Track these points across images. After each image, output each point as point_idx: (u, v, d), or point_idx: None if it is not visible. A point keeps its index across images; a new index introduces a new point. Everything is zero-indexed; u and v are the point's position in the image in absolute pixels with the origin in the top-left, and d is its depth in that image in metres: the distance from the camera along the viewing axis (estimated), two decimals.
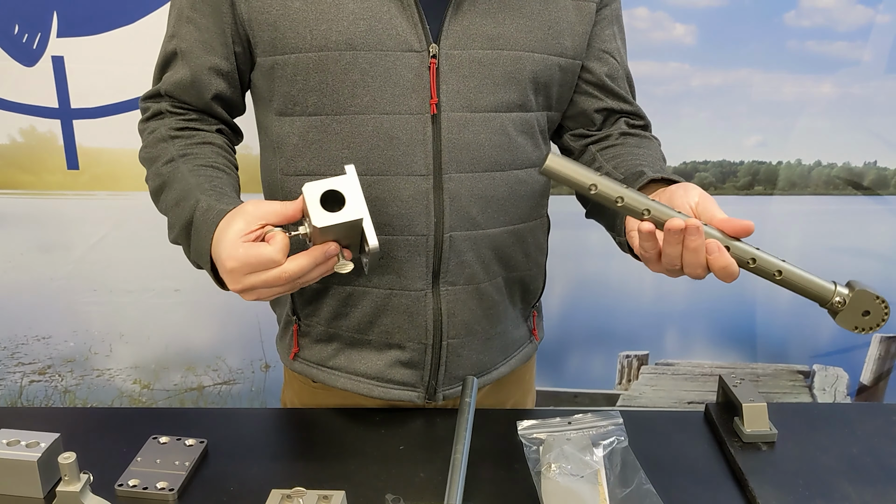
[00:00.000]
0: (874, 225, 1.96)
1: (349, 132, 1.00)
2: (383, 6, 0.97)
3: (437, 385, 1.12)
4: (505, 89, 1.02)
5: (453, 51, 0.99)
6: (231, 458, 0.99)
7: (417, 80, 0.99)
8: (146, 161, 1.05)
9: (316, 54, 0.97)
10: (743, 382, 1.07)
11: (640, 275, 1.97)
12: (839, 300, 0.84)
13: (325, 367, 1.13)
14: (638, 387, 2.07)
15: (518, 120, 1.05)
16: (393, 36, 0.97)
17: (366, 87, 0.98)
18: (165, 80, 1.05)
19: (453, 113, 1.00)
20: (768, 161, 1.89)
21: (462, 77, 1.00)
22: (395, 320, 1.08)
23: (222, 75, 1.04)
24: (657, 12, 1.74)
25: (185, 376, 2.02)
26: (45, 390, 2.02)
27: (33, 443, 0.90)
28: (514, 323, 1.19)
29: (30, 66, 1.73)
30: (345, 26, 0.96)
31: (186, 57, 1.03)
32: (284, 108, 1.03)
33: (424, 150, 1.00)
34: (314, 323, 1.12)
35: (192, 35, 1.02)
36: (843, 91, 1.82)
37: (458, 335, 1.10)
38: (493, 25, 1.00)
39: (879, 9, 1.74)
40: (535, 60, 1.03)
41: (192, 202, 0.93)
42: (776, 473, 0.96)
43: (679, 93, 1.81)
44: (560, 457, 0.95)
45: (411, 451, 1.01)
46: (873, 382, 2.09)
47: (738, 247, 0.84)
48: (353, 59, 0.97)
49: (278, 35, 0.98)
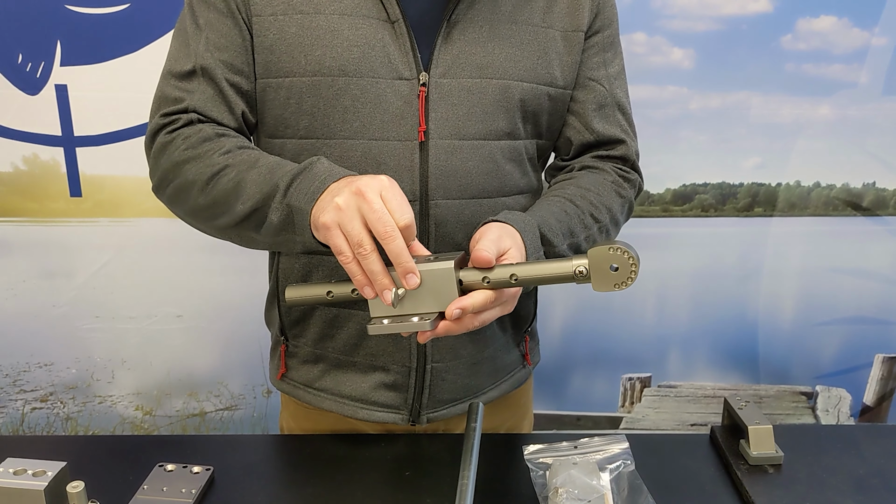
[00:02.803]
0: (874, 245, 1.97)
1: (338, 157, 1.01)
2: (377, 34, 0.98)
3: (420, 408, 1.12)
4: (494, 117, 1.03)
5: (443, 79, 1.00)
6: (237, 484, 0.98)
7: (406, 108, 1.00)
8: (185, 161, 0.98)
9: (309, 79, 0.99)
10: (748, 405, 1.07)
11: (643, 297, 1.98)
12: (580, 270, 0.82)
13: (311, 388, 1.15)
14: (641, 409, 2.07)
15: (506, 148, 1.06)
16: (385, 63, 0.99)
17: (356, 113, 1.00)
18: (191, 98, 1.01)
19: (441, 140, 1.01)
20: (768, 182, 1.90)
21: (451, 105, 1.01)
22: (379, 343, 1.09)
23: (243, 94, 1.03)
24: (655, 37, 1.75)
25: (187, 402, 2.02)
26: (46, 417, 2.01)
27: (40, 471, 0.89)
28: (505, 348, 1.19)
29: (33, 94, 1.74)
30: (339, 52, 0.98)
31: (208, 73, 1.00)
32: (275, 130, 1.04)
33: (412, 177, 1.01)
34: (301, 344, 1.14)
35: (214, 54, 1.00)
36: (840, 113, 1.83)
37: (443, 359, 1.10)
38: (482, 54, 1.01)
39: (875, 32, 1.76)
40: (523, 89, 1.04)
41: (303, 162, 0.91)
42: (783, 496, 0.96)
43: (678, 116, 1.82)
44: (567, 481, 0.95)
45: (417, 478, 1.00)
46: (876, 403, 2.09)
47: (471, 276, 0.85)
48: (346, 85, 0.99)
49: (273, 59, 1.00)
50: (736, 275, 1.97)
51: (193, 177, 0.97)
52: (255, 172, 0.93)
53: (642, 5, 1.72)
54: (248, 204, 0.92)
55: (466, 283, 0.85)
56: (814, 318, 2.01)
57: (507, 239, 0.90)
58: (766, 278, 1.97)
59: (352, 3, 0.99)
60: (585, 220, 1.04)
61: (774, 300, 1.99)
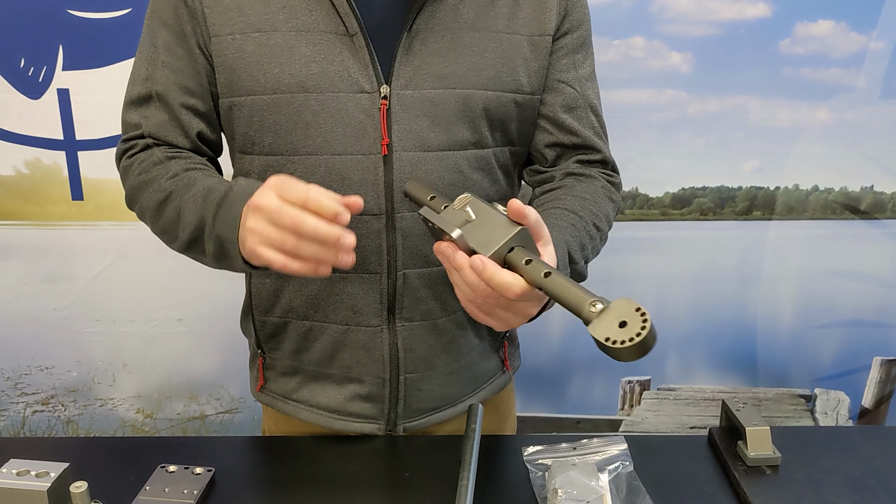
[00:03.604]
0: (872, 249, 1.98)
1: (302, 172, 1.01)
2: (335, 48, 0.98)
3: (396, 418, 1.12)
4: (458, 127, 1.02)
5: (404, 91, 1.00)
6: (239, 486, 0.99)
7: (368, 121, 0.99)
8: (140, 186, 1.03)
9: (269, 96, 0.99)
10: (746, 406, 1.07)
11: (641, 300, 1.97)
12: (594, 309, 0.75)
13: (289, 399, 1.15)
14: (640, 412, 2.07)
15: (472, 157, 1.05)
16: (344, 78, 0.98)
17: (317, 129, 1.00)
18: (147, 123, 1.05)
19: (405, 153, 1.01)
20: (766, 186, 1.91)
21: (414, 117, 1.00)
22: (353, 355, 1.09)
23: (200, 115, 1.05)
24: (653, 41, 1.76)
25: (187, 405, 2.02)
26: (48, 420, 2.02)
27: (43, 472, 0.90)
28: (483, 355, 1.19)
29: (35, 98, 1.75)
30: (297, 69, 0.98)
31: (164, 99, 1.03)
32: (244, 146, 1.05)
33: (376, 190, 1.01)
34: (278, 356, 1.14)
35: (169, 78, 1.03)
36: (838, 117, 1.84)
37: (417, 370, 1.10)
38: (443, 65, 1.00)
39: (873, 36, 1.77)
40: (487, 98, 1.03)
41: (225, 185, 0.93)
42: (780, 497, 0.96)
43: (676, 120, 1.83)
44: (566, 482, 0.96)
45: (417, 479, 1.01)
46: (874, 406, 2.09)
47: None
48: (305, 101, 0.99)
49: (234, 77, 1.00)
50: (734, 278, 1.98)
51: (146, 203, 1.02)
52: (191, 201, 0.95)
53: (641, 10, 1.73)
54: (186, 233, 0.96)
55: (515, 253, 0.81)
56: (812, 321, 2.02)
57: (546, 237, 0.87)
58: (764, 281, 1.98)
59: (309, 18, 0.98)
60: (591, 231, 1.04)
61: (773, 303, 2.00)
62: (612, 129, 1.80)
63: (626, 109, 1.80)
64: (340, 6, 0.97)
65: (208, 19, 0.99)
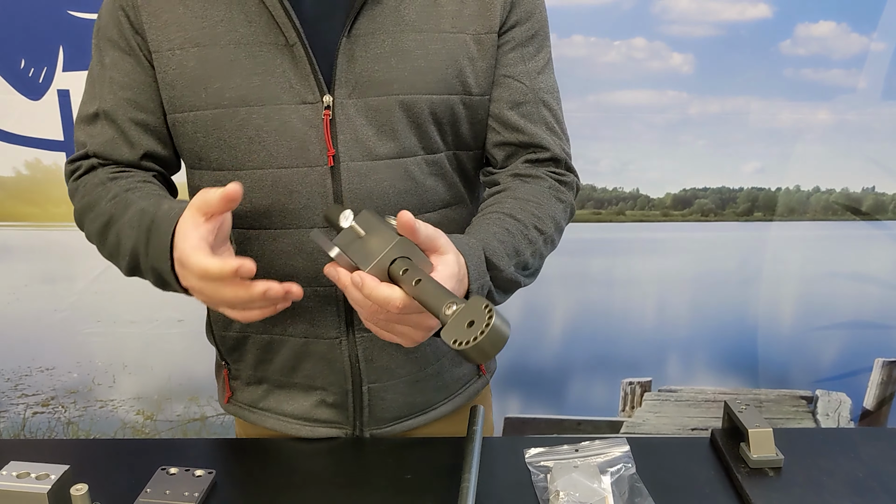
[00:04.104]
0: (873, 250, 1.98)
1: (249, 187, 0.99)
2: (275, 59, 0.96)
3: (362, 426, 1.12)
4: (405, 134, 1.00)
5: (348, 100, 0.97)
6: (240, 488, 0.99)
7: (312, 133, 0.97)
8: (85, 210, 1.02)
9: (212, 112, 0.97)
10: (748, 408, 1.07)
11: (643, 301, 1.99)
12: (448, 313, 0.72)
13: (255, 408, 1.15)
14: (641, 413, 2.07)
15: (424, 163, 1.03)
16: (286, 89, 0.96)
17: (261, 143, 0.98)
18: (91, 142, 1.03)
19: (353, 163, 0.99)
20: (767, 187, 1.91)
21: (359, 126, 0.98)
22: (314, 366, 1.09)
23: (151, 131, 1.03)
24: (655, 42, 1.76)
25: (187, 407, 2.02)
26: (48, 422, 2.01)
27: (43, 475, 0.90)
28: (454, 361, 1.17)
29: (36, 99, 1.75)
30: (238, 83, 0.96)
31: (110, 116, 1.02)
32: (193, 162, 1.04)
33: (325, 203, 0.99)
34: (242, 367, 1.14)
35: (117, 94, 1.01)
36: (839, 118, 1.84)
37: (379, 380, 1.09)
38: (386, 71, 0.97)
39: (873, 37, 1.77)
40: (433, 102, 1.00)
41: (154, 208, 0.92)
42: (783, 499, 0.96)
43: (677, 121, 1.83)
44: (568, 485, 0.95)
45: (419, 481, 1.01)
46: (876, 407, 2.09)
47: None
48: (248, 115, 0.97)
49: (176, 94, 0.99)
50: (736, 279, 1.98)
51: (90, 228, 1.01)
52: (127, 226, 0.94)
53: (642, 10, 1.73)
54: (126, 261, 0.96)
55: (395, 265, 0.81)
56: (813, 323, 2.02)
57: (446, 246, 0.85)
58: (765, 283, 1.98)
59: (248, 31, 0.96)
60: (530, 234, 1.00)
61: (774, 304, 2.00)
62: (614, 130, 1.81)
63: (627, 110, 1.80)
64: (279, 17, 0.94)
65: (148, 35, 0.98)
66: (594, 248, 1.95)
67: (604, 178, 1.87)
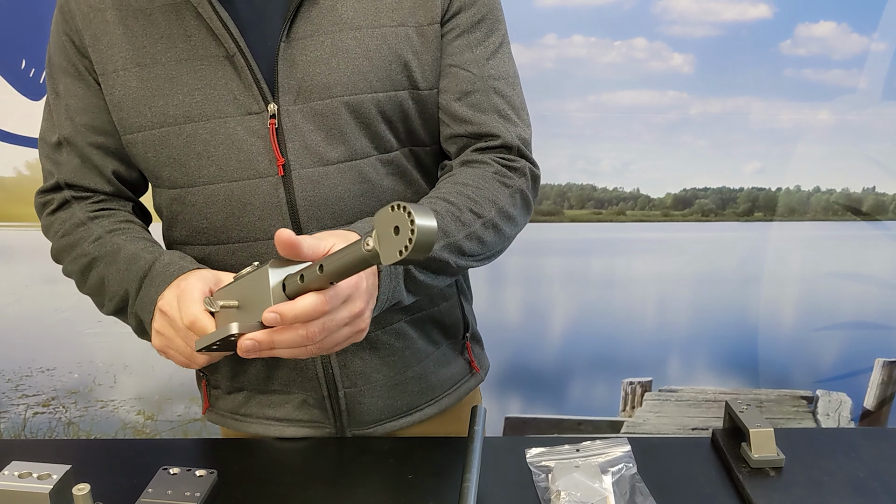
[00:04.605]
0: (873, 250, 1.98)
1: (203, 203, 0.99)
2: (217, 72, 0.95)
3: (344, 428, 1.12)
4: (355, 136, 0.98)
5: (293, 106, 0.95)
6: (242, 487, 0.99)
7: (261, 143, 0.96)
8: (65, 249, 1.02)
9: (158, 130, 0.97)
10: (749, 408, 1.07)
11: (643, 301, 1.99)
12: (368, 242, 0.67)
13: (237, 414, 1.14)
14: (642, 413, 2.07)
15: (378, 163, 1.00)
16: (230, 101, 0.95)
17: (209, 158, 0.97)
18: (60, 171, 1.03)
19: (304, 170, 0.97)
20: (767, 187, 1.91)
21: (307, 132, 0.96)
22: (288, 374, 1.09)
23: (112, 153, 1.02)
24: (655, 42, 1.76)
25: (188, 407, 2.02)
26: (48, 422, 2.02)
27: (45, 475, 0.90)
28: (440, 362, 1.16)
29: (36, 100, 1.75)
30: (180, 99, 0.95)
31: (71, 143, 1.01)
32: (152, 181, 1.04)
33: (280, 213, 0.98)
34: (220, 378, 1.14)
35: (74, 120, 1.01)
36: (840, 118, 1.84)
37: (355, 385, 1.09)
38: (327, 73, 0.95)
39: (874, 37, 1.77)
40: (379, 100, 0.97)
41: (151, 256, 0.93)
42: (785, 498, 0.96)
43: (678, 121, 1.83)
44: (569, 484, 0.95)
45: (420, 480, 1.01)
46: (876, 407, 2.09)
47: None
48: (194, 131, 0.96)
49: (123, 115, 0.98)
50: (736, 279, 1.98)
51: (70, 267, 1.02)
52: (114, 269, 0.95)
53: (642, 11, 1.73)
54: (113, 303, 0.97)
55: (288, 283, 0.77)
56: (814, 323, 2.02)
57: (331, 238, 0.81)
58: (766, 283, 1.98)
59: (187, 46, 0.95)
60: (463, 216, 0.95)
61: (775, 304, 2.00)
62: (615, 130, 1.82)
63: (627, 110, 1.81)
64: (216, 28, 0.93)
65: (92, 57, 0.97)
66: (595, 248, 1.95)
67: (604, 178, 1.87)
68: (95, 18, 0.97)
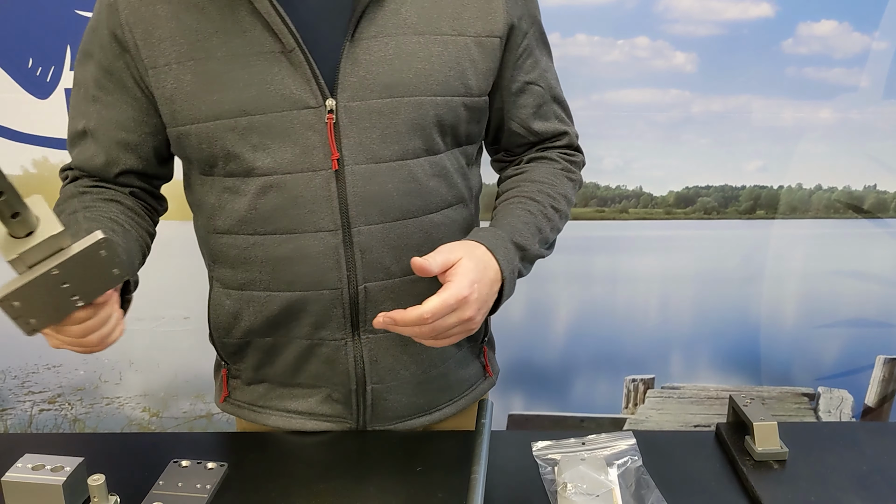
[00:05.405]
0: (875, 248, 1.99)
1: (255, 193, 1.01)
2: (273, 67, 0.96)
3: (366, 423, 1.13)
4: (409, 137, 1.01)
5: (351, 103, 0.98)
6: (252, 480, 1.00)
7: (317, 137, 0.98)
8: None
9: (213, 123, 0.98)
10: (753, 402, 1.08)
11: (646, 299, 2.00)
12: None
13: (256, 405, 1.16)
14: (644, 410, 2.08)
15: (426, 164, 1.04)
16: (286, 96, 0.97)
17: (265, 150, 0.99)
18: (76, 157, 1.08)
19: (357, 166, 0.99)
20: (769, 185, 1.92)
21: (363, 129, 0.99)
22: (318, 368, 1.10)
23: (132, 149, 1.05)
24: (658, 41, 1.77)
25: (193, 404, 2.03)
26: (54, 419, 2.03)
27: (58, 467, 0.91)
28: (460, 363, 1.19)
29: (43, 98, 1.76)
30: (236, 94, 0.97)
31: (95, 135, 1.04)
32: (203, 170, 1.05)
33: (330, 207, 1.00)
34: (243, 369, 1.15)
35: (100, 113, 1.03)
36: (841, 116, 1.85)
37: (383, 380, 1.10)
38: (390, 73, 0.98)
39: (875, 36, 1.78)
40: (437, 104, 1.01)
41: None
42: (788, 491, 0.97)
43: (680, 119, 1.84)
44: (575, 476, 0.96)
45: (428, 473, 1.02)
46: (878, 404, 2.10)
47: None
48: (250, 124, 0.97)
49: (176, 108, 0.99)
50: (738, 277, 1.99)
51: None
52: None
53: (645, 10, 1.74)
54: None
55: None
56: (815, 320, 2.03)
57: (460, 250, 0.94)
58: (767, 280, 1.99)
59: (243, 41, 0.96)
60: (548, 212, 1.08)
61: (776, 302, 2.01)
62: (617, 128, 1.83)
63: (630, 109, 1.81)
64: (274, 24, 0.95)
65: (142, 52, 0.98)
66: (597, 246, 1.96)
67: (607, 176, 1.88)
68: (147, 13, 0.98)
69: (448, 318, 0.90)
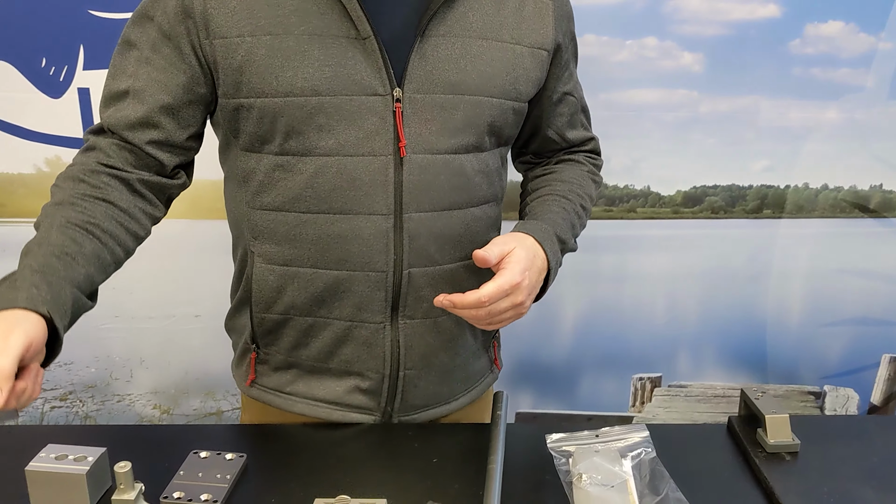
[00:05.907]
0: (881, 247, 2.00)
1: (313, 172, 1.03)
2: (347, 52, 0.99)
3: (392, 412, 1.15)
4: (464, 133, 1.06)
5: (416, 94, 1.02)
6: (270, 471, 1.01)
7: (382, 124, 1.02)
8: (51, 191, 1.03)
9: (282, 99, 1.00)
10: (764, 395, 1.10)
11: (653, 297, 2.01)
12: None
13: (282, 392, 1.17)
14: (651, 409, 2.09)
15: (474, 160, 1.09)
16: (357, 81, 1.00)
17: (331, 131, 1.01)
18: (110, 116, 1.04)
19: (415, 155, 1.04)
20: (776, 185, 1.93)
21: (424, 121, 1.03)
22: (354, 351, 1.11)
23: (173, 114, 1.04)
24: (666, 41, 1.79)
25: (204, 401, 2.04)
26: (66, 416, 2.04)
27: (81, 457, 0.92)
28: (475, 355, 1.22)
29: (56, 97, 1.77)
30: (310, 73, 0.99)
31: (140, 95, 1.03)
32: (251, 145, 1.06)
33: (386, 192, 1.03)
34: (273, 352, 1.16)
35: (150, 75, 1.02)
36: (847, 116, 1.86)
37: (415, 367, 1.13)
38: (454, 72, 1.03)
39: (881, 37, 1.80)
40: (492, 105, 1.07)
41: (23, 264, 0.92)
42: (800, 482, 0.98)
43: (688, 119, 1.85)
44: (590, 467, 0.98)
45: (445, 464, 1.03)
46: (883, 403, 2.11)
47: None
48: (319, 104, 1.00)
49: (244, 79, 1.00)
50: (745, 276, 2.00)
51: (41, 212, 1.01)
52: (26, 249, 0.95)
53: (653, 10, 1.76)
54: None
55: None
56: (821, 319, 2.04)
57: (512, 241, 1.02)
58: (774, 279, 2.00)
59: (321, 22, 0.99)
60: (578, 211, 1.17)
61: (783, 301, 2.02)
62: (625, 128, 1.84)
63: (638, 109, 1.83)
64: (353, 10, 0.98)
65: (212, 21, 0.99)
66: (605, 245, 1.97)
67: (615, 175, 1.89)
68: None
69: (502, 303, 0.98)
